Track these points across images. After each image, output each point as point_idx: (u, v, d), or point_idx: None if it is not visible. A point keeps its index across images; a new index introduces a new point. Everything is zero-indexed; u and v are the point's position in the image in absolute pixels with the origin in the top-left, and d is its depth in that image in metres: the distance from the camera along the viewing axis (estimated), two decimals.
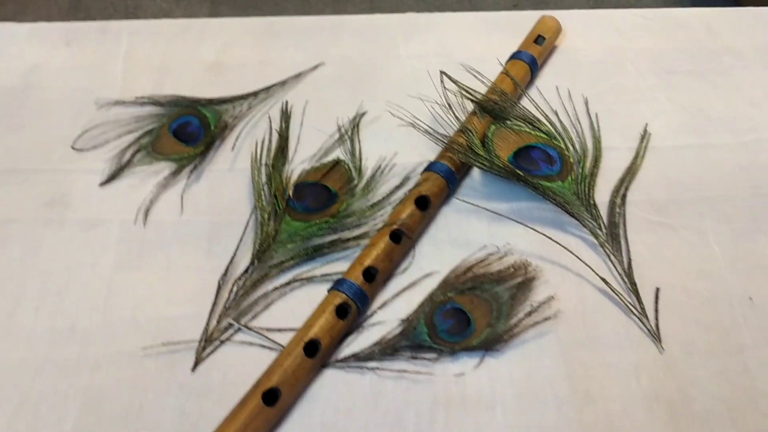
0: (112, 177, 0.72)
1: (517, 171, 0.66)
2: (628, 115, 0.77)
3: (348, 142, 0.74)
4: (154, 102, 0.79)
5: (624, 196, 0.69)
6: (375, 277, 0.61)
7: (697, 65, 0.83)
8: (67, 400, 0.56)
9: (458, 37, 0.87)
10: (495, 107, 0.72)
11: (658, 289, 0.62)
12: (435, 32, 0.88)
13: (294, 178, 0.70)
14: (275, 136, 0.75)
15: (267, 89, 0.80)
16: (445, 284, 0.62)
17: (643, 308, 0.61)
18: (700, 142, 0.74)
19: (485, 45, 0.85)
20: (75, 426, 0.55)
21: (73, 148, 0.75)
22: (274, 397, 0.53)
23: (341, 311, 0.58)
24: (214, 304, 0.61)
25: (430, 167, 0.68)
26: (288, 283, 0.63)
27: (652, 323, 0.60)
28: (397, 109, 0.75)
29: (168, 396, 0.56)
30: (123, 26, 0.89)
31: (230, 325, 0.60)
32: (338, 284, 0.60)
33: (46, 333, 0.60)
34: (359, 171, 0.71)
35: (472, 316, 0.59)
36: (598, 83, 0.81)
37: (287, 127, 0.76)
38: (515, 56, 0.79)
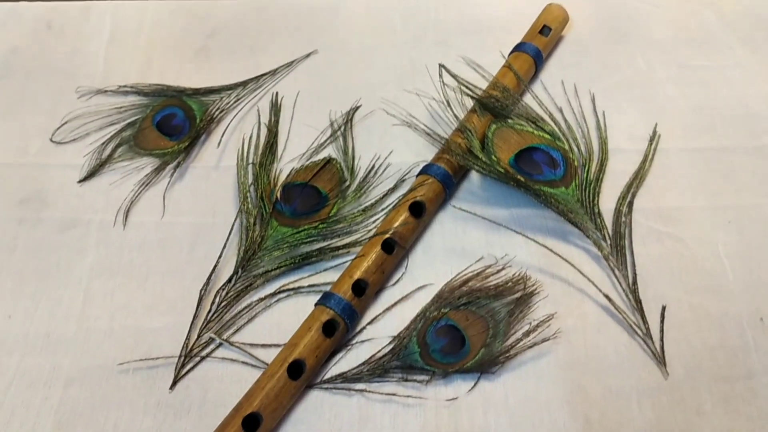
0: (92, 173, 0.68)
1: (518, 176, 0.62)
2: (637, 113, 0.73)
3: (340, 138, 0.70)
4: (138, 91, 0.75)
5: (630, 204, 0.65)
6: (365, 290, 0.58)
7: (711, 59, 0.78)
8: (40, 416, 0.54)
9: (459, 24, 0.82)
10: (496, 104, 0.68)
11: (664, 308, 0.58)
12: (435, 17, 0.83)
13: (282, 177, 0.67)
14: (264, 131, 0.71)
15: (256, 79, 0.76)
16: (439, 299, 0.58)
17: (647, 328, 0.57)
18: (713, 145, 0.70)
19: (488, 33, 0.80)
20: None
21: (51, 140, 0.71)
22: (255, 423, 0.50)
23: (328, 329, 0.55)
24: (195, 316, 0.58)
25: (426, 170, 0.65)
26: (273, 294, 0.60)
27: (657, 345, 0.56)
28: (393, 106, 0.71)
29: (145, 415, 0.54)
30: (107, 7, 0.85)
31: (211, 339, 0.57)
32: (325, 299, 0.56)
33: (19, 342, 0.58)
34: (351, 171, 0.68)
35: (466, 335, 0.56)
36: (607, 77, 0.76)
37: (277, 122, 0.72)
38: (519, 48, 0.74)
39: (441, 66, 0.70)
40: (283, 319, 0.58)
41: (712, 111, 0.73)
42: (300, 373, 0.53)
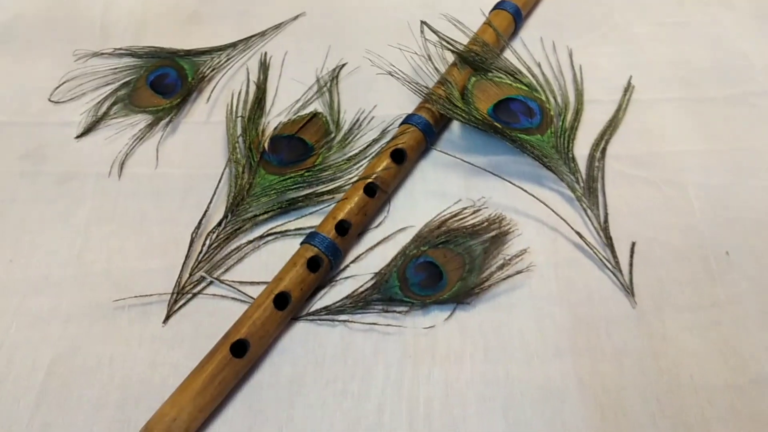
0: (88, 130, 0.71)
1: (496, 123, 0.65)
2: (613, 67, 0.75)
3: (327, 94, 0.73)
4: (132, 53, 0.78)
5: (604, 150, 0.67)
6: (348, 230, 0.60)
7: (687, 15, 0.81)
8: (39, 350, 0.57)
9: None
10: (476, 59, 0.70)
11: (633, 244, 0.61)
12: None
13: (270, 130, 0.69)
14: (252, 88, 0.74)
15: (246, 40, 0.79)
16: (419, 238, 0.61)
17: (617, 263, 0.60)
18: (685, 95, 0.73)
19: None
20: (47, 376, 0.55)
21: (50, 100, 0.74)
22: (242, 349, 0.53)
23: (313, 264, 0.58)
24: (187, 257, 0.61)
25: (408, 119, 0.67)
26: (261, 237, 0.63)
27: (626, 278, 0.59)
28: (377, 58, 0.74)
29: (139, 348, 0.57)
30: None
31: (202, 278, 0.60)
32: (310, 238, 0.59)
33: (19, 284, 0.60)
34: (337, 124, 0.70)
35: (444, 270, 0.59)
36: (585, 34, 0.79)
37: (265, 79, 0.75)
38: (499, 6, 0.77)
39: (423, 23, 0.73)
40: (270, 259, 0.61)
41: (686, 64, 0.76)
42: (286, 304, 0.56)
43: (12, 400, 0.54)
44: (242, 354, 0.53)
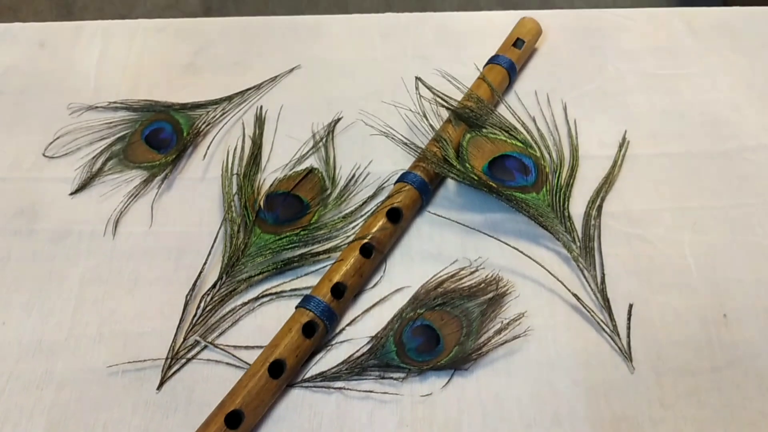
0: (83, 186, 0.71)
1: (491, 182, 0.65)
2: (608, 120, 0.76)
3: (322, 149, 0.73)
4: (127, 107, 0.78)
5: (600, 208, 0.67)
6: (344, 293, 0.60)
7: (679, 67, 0.81)
8: (32, 417, 0.56)
9: (437, 40, 0.85)
10: (470, 115, 0.71)
11: (631, 306, 0.61)
12: (413, 33, 0.86)
13: (266, 187, 0.69)
14: (248, 143, 0.74)
15: (242, 93, 0.79)
16: (415, 300, 0.61)
17: (615, 325, 0.60)
18: (680, 150, 0.73)
19: (464, 47, 0.83)
20: None
21: (44, 155, 0.74)
22: (237, 420, 0.53)
23: (308, 330, 0.57)
24: (181, 320, 0.60)
25: (403, 177, 0.67)
26: (256, 298, 0.62)
27: (624, 341, 0.59)
28: (372, 118, 0.74)
29: (133, 414, 0.56)
30: (98, 26, 0.88)
31: (197, 342, 0.59)
32: (305, 302, 0.59)
33: (12, 347, 0.60)
34: (333, 180, 0.70)
35: (441, 334, 0.59)
36: (579, 87, 0.79)
37: (261, 134, 0.75)
38: (493, 60, 0.77)
39: (417, 79, 0.73)
40: (265, 322, 0.61)
41: (680, 117, 0.76)
42: (281, 372, 0.55)
43: None
44: (237, 425, 0.52)
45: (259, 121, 0.76)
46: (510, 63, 0.77)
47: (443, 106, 0.72)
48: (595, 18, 0.87)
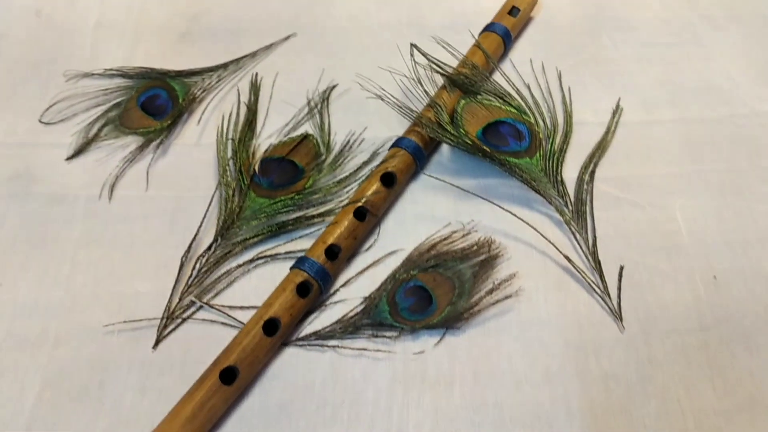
0: (79, 151, 0.71)
1: (484, 147, 0.65)
2: (602, 88, 0.76)
3: (317, 115, 0.73)
4: (123, 74, 0.78)
5: (592, 173, 0.68)
6: (338, 255, 0.61)
7: (674, 36, 0.81)
8: (28, 375, 0.57)
9: (433, 7, 0.85)
10: (465, 81, 0.71)
11: (622, 267, 0.61)
12: (409, 1, 0.86)
13: (261, 152, 0.70)
14: (243, 109, 0.74)
15: (237, 61, 0.79)
16: (409, 262, 0.61)
17: (605, 287, 0.60)
18: (673, 117, 0.73)
19: (460, 14, 0.84)
20: (36, 402, 0.55)
21: (40, 121, 0.74)
22: (232, 376, 0.53)
23: (302, 290, 0.58)
24: (177, 281, 0.61)
25: (398, 143, 0.68)
26: (251, 261, 0.63)
27: (615, 302, 0.60)
28: (368, 82, 0.74)
29: (129, 373, 0.57)
30: None
31: (192, 302, 0.60)
32: (300, 263, 0.59)
33: (8, 307, 0.60)
34: (327, 146, 0.71)
35: (433, 294, 0.59)
36: (573, 55, 0.79)
37: (256, 100, 0.75)
38: (488, 28, 0.78)
39: (413, 45, 0.73)
40: (260, 283, 0.61)
41: (673, 85, 0.76)
42: (275, 330, 0.56)
43: (1, 425, 0.53)
44: (232, 381, 0.53)
45: (255, 88, 0.76)
46: (505, 30, 0.77)
47: (438, 72, 0.72)
48: None
